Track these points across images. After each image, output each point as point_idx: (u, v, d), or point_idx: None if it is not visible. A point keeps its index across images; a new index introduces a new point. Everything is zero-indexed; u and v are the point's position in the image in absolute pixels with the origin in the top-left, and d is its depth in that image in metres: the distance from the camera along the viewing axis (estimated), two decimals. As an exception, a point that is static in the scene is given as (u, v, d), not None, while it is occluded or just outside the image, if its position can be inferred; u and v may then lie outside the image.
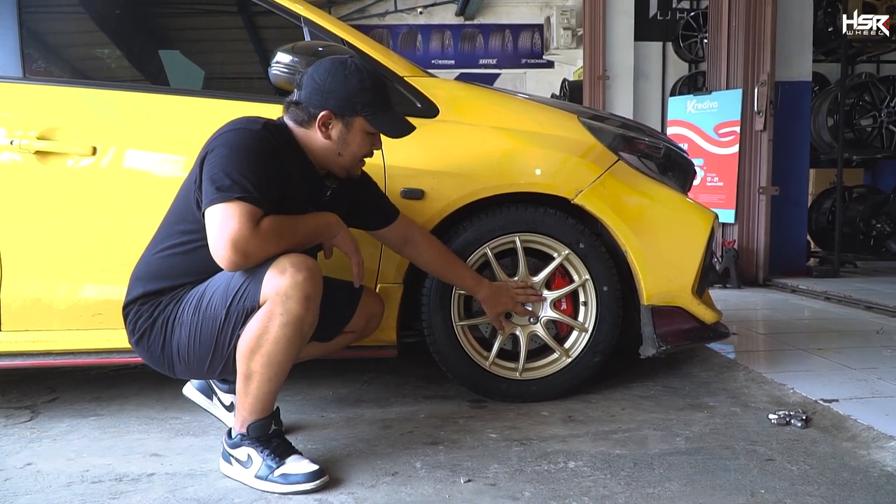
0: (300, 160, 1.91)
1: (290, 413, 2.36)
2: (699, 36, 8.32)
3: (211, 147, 1.76)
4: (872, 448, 1.99)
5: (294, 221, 1.81)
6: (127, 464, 1.95)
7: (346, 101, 1.87)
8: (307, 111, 1.88)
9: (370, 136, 1.95)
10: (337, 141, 1.90)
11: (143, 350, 1.89)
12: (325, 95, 1.86)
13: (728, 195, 5.63)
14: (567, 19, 11.60)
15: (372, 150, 2.00)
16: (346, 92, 1.86)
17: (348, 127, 1.90)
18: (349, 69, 1.88)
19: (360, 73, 1.88)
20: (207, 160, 1.74)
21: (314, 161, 1.95)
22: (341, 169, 1.98)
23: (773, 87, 5.38)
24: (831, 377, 2.64)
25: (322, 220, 1.90)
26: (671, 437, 2.12)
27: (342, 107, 1.87)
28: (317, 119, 1.87)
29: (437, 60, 13.43)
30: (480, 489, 1.76)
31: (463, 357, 2.42)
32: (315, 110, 1.87)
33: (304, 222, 1.84)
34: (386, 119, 1.94)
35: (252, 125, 1.79)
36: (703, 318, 2.53)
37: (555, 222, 2.40)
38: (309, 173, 1.95)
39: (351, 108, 1.88)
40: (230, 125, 1.80)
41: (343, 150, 1.92)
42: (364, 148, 1.95)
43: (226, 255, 1.67)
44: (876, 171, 8.52)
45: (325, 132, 1.89)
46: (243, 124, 1.79)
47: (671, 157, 2.62)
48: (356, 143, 1.93)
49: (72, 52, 2.76)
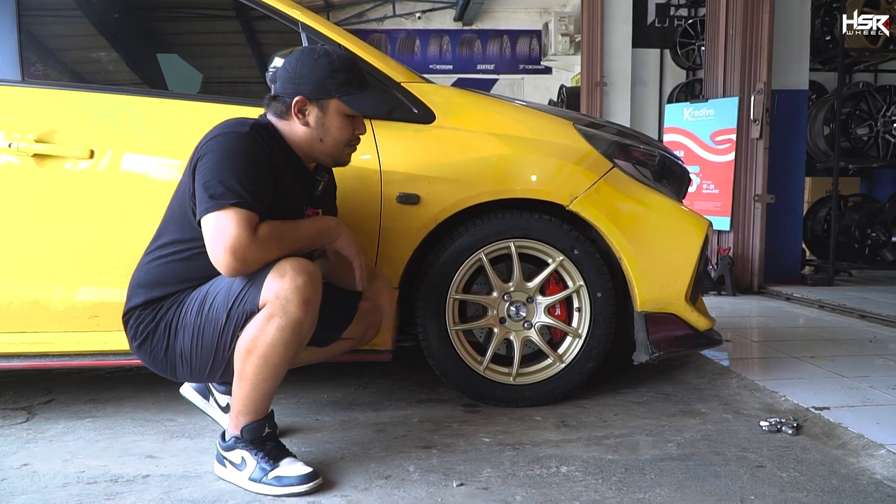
0: (289, 157, 1.92)
1: (285, 416, 2.37)
2: (696, 43, 8.35)
3: (202, 153, 1.77)
4: (862, 456, 2.00)
5: (294, 226, 1.82)
6: (122, 465, 1.96)
7: (319, 84, 1.87)
8: (283, 102, 1.89)
9: (349, 119, 1.93)
10: (315, 126, 1.91)
11: (145, 354, 1.89)
12: (297, 82, 1.87)
13: (724, 203, 5.66)
14: (565, 25, 11.62)
15: (356, 135, 1.98)
16: (316, 75, 1.87)
17: (324, 110, 1.90)
18: (318, 53, 1.89)
19: (328, 56, 1.89)
20: (199, 167, 1.75)
21: (301, 154, 1.95)
22: (327, 157, 1.97)
23: (769, 95, 5.41)
24: (823, 385, 2.66)
25: (323, 225, 1.91)
26: (663, 443, 2.14)
27: (315, 90, 1.88)
28: (292, 107, 1.88)
29: (435, 65, 13.43)
30: (473, 493, 1.77)
31: (457, 362, 2.44)
32: (290, 99, 1.88)
33: (305, 227, 1.86)
34: (361, 98, 1.92)
35: (240, 128, 1.79)
36: (697, 325, 2.54)
37: (550, 228, 2.42)
38: (299, 169, 1.96)
39: (324, 91, 1.88)
40: (218, 129, 1.81)
41: (323, 135, 1.92)
42: (345, 132, 1.94)
43: (225, 262, 1.69)
44: (872, 179, 8.56)
45: (302, 119, 1.89)
46: (232, 127, 1.80)
47: (666, 165, 2.64)
48: (335, 127, 1.92)
49: (70, 55, 2.76)
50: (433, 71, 13.13)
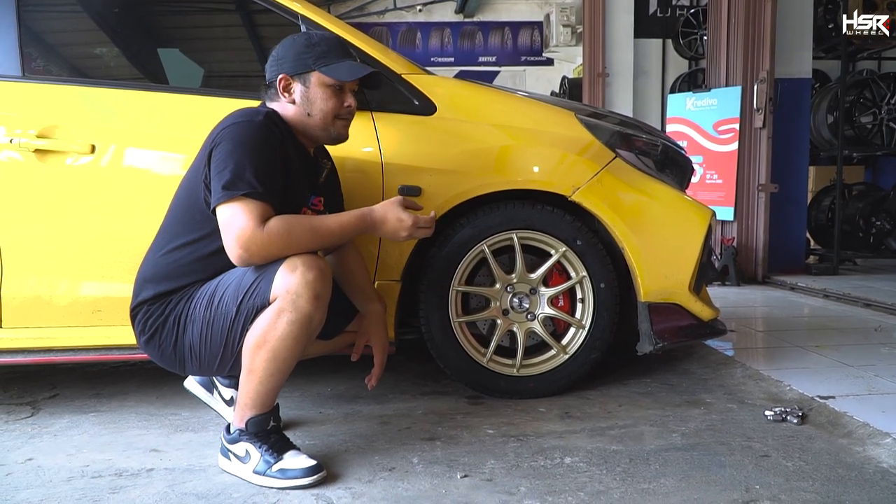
0: (294, 144, 1.93)
1: (289, 409, 2.38)
2: (699, 33, 8.32)
3: (217, 141, 1.78)
4: (868, 444, 2.00)
5: (309, 223, 1.79)
6: (126, 459, 1.97)
7: (297, 60, 1.92)
8: (272, 85, 1.95)
9: (333, 90, 1.93)
10: (301, 102, 1.93)
11: (153, 349, 1.89)
12: (279, 63, 1.93)
13: (727, 192, 5.64)
14: (567, 16, 11.61)
15: (345, 106, 1.96)
16: (294, 52, 1.92)
17: (306, 83, 1.92)
18: (297, 36, 1.96)
19: (307, 35, 1.96)
20: (214, 155, 1.77)
21: (299, 136, 1.97)
22: (320, 131, 1.97)
23: (772, 84, 5.38)
24: (828, 374, 2.65)
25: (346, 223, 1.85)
26: (667, 434, 2.13)
27: (294, 66, 1.92)
28: (278, 87, 1.92)
29: (436, 58, 13.41)
30: (477, 484, 1.77)
31: (461, 354, 2.43)
32: (274, 80, 1.93)
33: (323, 224, 1.81)
34: (340, 67, 1.93)
35: (255, 116, 1.81)
36: (700, 315, 2.54)
37: (552, 219, 2.41)
38: (304, 157, 1.97)
39: (303, 65, 1.91)
40: (233, 117, 1.82)
41: (310, 109, 1.93)
42: (330, 102, 1.93)
43: (234, 251, 1.71)
44: (876, 168, 8.51)
45: (288, 97, 1.93)
46: (247, 116, 1.81)
47: (668, 155, 2.63)
48: (319, 98, 1.93)
49: (71, 50, 2.76)
50: (435, 64, 13.11)
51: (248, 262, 1.73)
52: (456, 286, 2.41)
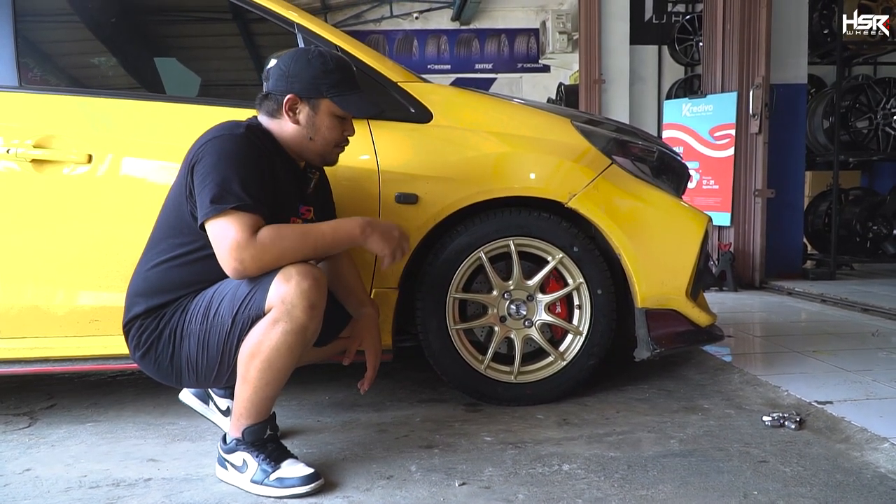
0: (281, 157, 1.92)
1: (286, 418, 2.37)
2: (695, 39, 8.34)
3: (198, 156, 1.77)
4: (866, 450, 2.00)
5: (301, 231, 1.79)
6: (124, 469, 1.96)
7: (311, 84, 1.89)
8: (276, 100, 1.90)
9: (339, 120, 1.94)
10: (305, 125, 1.91)
11: (149, 363, 1.88)
12: (290, 80, 1.89)
13: (724, 198, 5.65)
14: (563, 23, 11.63)
15: (345, 136, 1.98)
16: (309, 74, 1.88)
17: (315, 109, 1.91)
18: (311, 54, 1.92)
19: (322, 56, 1.91)
20: (196, 170, 1.76)
21: (290, 152, 1.96)
22: (316, 156, 1.98)
23: (768, 89, 5.39)
24: (826, 379, 2.66)
25: (341, 230, 1.85)
26: (665, 440, 2.13)
27: (307, 89, 1.89)
28: (284, 104, 1.89)
29: (433, 66, 13.46)
30: (475, 492, 1.77)
31: (458, 361, 2.43)
32: (281, 97, 1.89)
33: (315, 232, 1.81)
34: (352, 100, 1.93)
35: (235, 129, 1.80)
36: (698, 321, 2.54)
37: (549, 226, 2.41)
38: (292, 169, 1.96)
39: (316, 90, 1.89)
40: (213, 132, 1.81)
41: (313, 134, 1.93)
42: (334, 132, 1.94)
43: (227, 264, 1.71)
44: (872, 172, 8.52)
45: (292, 117, 1.90)
46: (227, 130, 1.80)
47: (665, 161, 2.64)
48: (325, 127, 1.92)
49: (68, 60, 2.77)
50: (431, 71, 13.15)
51: (244, 274, 1.72)
52: (453, 293, 2.41)
